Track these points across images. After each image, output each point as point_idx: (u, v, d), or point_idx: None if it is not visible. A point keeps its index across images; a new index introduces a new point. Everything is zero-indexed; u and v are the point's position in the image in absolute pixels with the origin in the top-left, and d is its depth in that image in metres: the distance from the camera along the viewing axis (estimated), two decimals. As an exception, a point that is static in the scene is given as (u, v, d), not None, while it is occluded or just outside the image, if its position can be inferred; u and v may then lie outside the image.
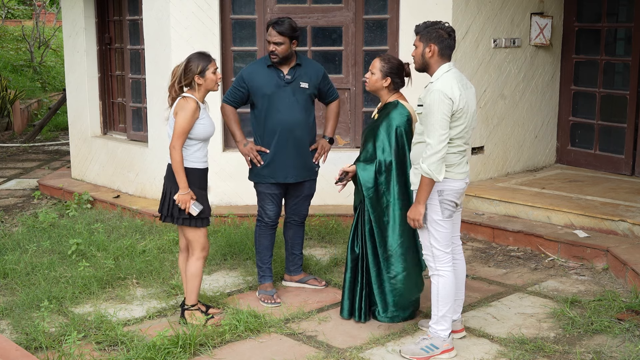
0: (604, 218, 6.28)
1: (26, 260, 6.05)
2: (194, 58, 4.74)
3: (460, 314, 4.65)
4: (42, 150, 11.65)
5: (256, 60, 5.55)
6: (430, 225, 4.35)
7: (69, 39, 8.82)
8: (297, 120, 5.31)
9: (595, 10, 8.07)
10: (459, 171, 4.33)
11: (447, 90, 4.15)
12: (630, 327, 4.70)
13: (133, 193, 8.05)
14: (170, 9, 7.21)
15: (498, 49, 7.57)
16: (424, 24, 4.34)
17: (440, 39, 4.26)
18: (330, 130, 5.59)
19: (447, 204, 4.32)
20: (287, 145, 5.31)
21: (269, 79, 5.29)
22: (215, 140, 7.21)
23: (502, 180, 7.69)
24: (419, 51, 4.32)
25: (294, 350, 4.53)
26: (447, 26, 4.30)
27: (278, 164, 5.32)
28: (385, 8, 7.37)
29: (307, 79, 5.38)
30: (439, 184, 4.27)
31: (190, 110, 4.63)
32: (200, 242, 4.82)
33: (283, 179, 5.35)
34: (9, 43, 19.64)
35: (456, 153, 4.30)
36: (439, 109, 4.14)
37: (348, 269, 4.94)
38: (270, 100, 5.27)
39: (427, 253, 4.44)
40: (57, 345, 4.55)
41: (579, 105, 8.29)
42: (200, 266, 4.85)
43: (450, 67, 4.29)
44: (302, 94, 5.36)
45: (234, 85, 5.38)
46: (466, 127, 4.28)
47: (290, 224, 5.62)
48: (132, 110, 8.36)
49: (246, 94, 5.34)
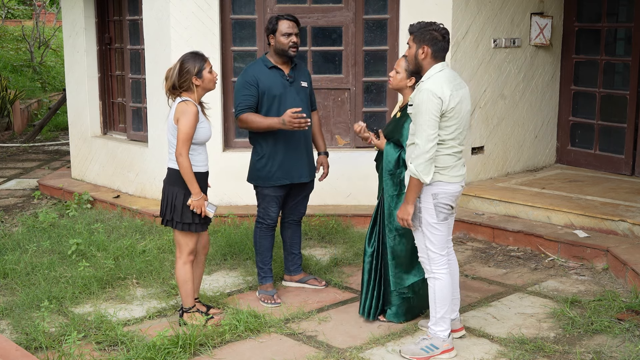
0: (604, 218, 6.28)
1: (26, 260, 6.05)
2: (188, 59, 4.68)
3: (458, 313, 4.65)
4: (42, 150, 11.65)
5: (253, 63, 5.38)
6: (426, 228, 4.33)
7: (69, 39, 8.83)
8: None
9: (595, 10, 8.07)
10: (454, 174, 4.28)
11: (436, 90, 4.10)
12: (630, 327, 4.70)
13: (133, 193, 8.05)
14: (170, 9, 7.21)
15: (498, 49, 7.57)
16: (418, 24, 4.29)
17: (433, 41, 4.21)
18: (324, 145, 5.59)
19: (442, 207, 4.29)
20: (299, 145, 5.28)
21: (274, 80, 5.23)
22: (215, 140, 7.21)
23: (502, 180, 7.69)
24: (412, 52, 4.28)
25: (294, 350, 4.53)
26: (442, 28, 4.25)
27: (292, 165, 5.26)
28: (385, 8, 7.37)
29: (304, 78, 5.39)
30: (433, 186, 4.24)
31: (192, 115, 4.59)
32: (189, 246, 4.79)
33: (298, 179, 5.31)
34: (9, 43, 19.64)
35: (451, 155, 4.25)
36: (427, 109, 4.09)
37: (365, 265, 4.96)
38: (279, 101, 5.21)
39: (422, 256, 4.42)
40: (57, 345, 4.54)
41: (579, 105, 8.29)
42: (189, 270, 4.81)
43: (443, 67, 4.24)
44: (304, 93, 5.36)
45: (244, 94, 5.19)
46: (459, 128, 4.23)
47: (288, 223, 5.59)
48: (132, 110, 8.36)
49: (257, 97, 5.19)
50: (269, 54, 5.34)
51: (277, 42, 5.21)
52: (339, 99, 7.48)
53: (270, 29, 5.25)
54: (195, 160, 4.73)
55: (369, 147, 7.45)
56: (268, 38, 5.29)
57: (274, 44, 5.25)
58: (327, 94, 7.48)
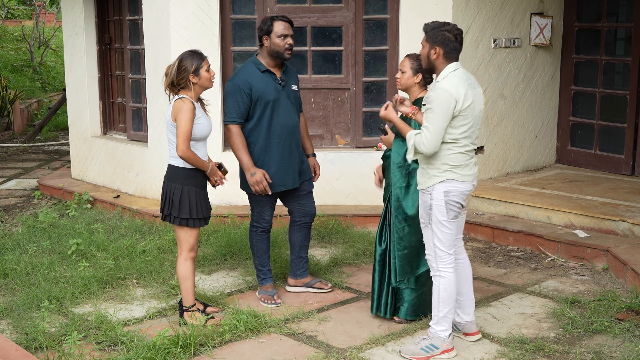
0: (604, 218, 6.28)
1: (26, 260, 6.05)
2: (186, 57, 4.70)
3: (473, 316, 4.61)
4: (42, 150, 11.65)
5: (244, 66, 5.18)
6: (435, 226, 4.34)
7: (69, 39, 8.83)
8: (295, 124, 5.23)
9: (595, 10, 8.07)
10: (466, 173, 4.30)
11: (451, 89, 4.16)
12: (630, 327, 4.70)
13: (133, 193, 8.05)
14: (170, 9, 7.21)
15: (498, 48, 7.57)
16: (432, 24, 4.32)
17: (446, 42, 4.24)
18: (311, 147, 5.52)
19: (453, 205, 4.31)
20: (292, 150, 5.21)
21: (267, 84, 5.09)
22: (215, 140, 7.21)
23: (502, 180, 7.69)
24: (425, 52, 4.33)
25: (294, 350, 4.53)
26: (455, 28, 4.28)
27: (286, 171, 5.18)
28: (385, 8, 7.37)
29: (294, 81, 5.29)
30: (445, 184, 4.27)
31: (188, 111, 4.62)
32: (189, 242, 4.81)
33: (292, 185, 5.23)
34: (9, 43, 19.63)
35: (463, 153, 4.28)
36: (441, 107, 4.15)
37: (376, 264, 4.96)
38: (273, 107, 5.09)
39: (429, 253, 4.43)
40: (57, 345, 4.55)
41: (579, 105, 8.29)
42: (190, 267, 4.83)
43: (457, 67, 4.28)
44: (294, 96, 5.27)
45: (235, 100, 5.03)
46: (472, 127, 4.27)
47: (299, 226, 5.41)
48: (132, 110, 8.36)
49: (249, 104, 5.05)
50: (260, 55, 5.18)
51: (272, 43, 5.07)
52: (339, 99, 7.48)
53: (264, 29, 5.09)
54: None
55: (369, 147, 7.46)
56: (261, 39, 5.13)
57: (268, 45, 5.10)
58: (327, 94, 7.48)
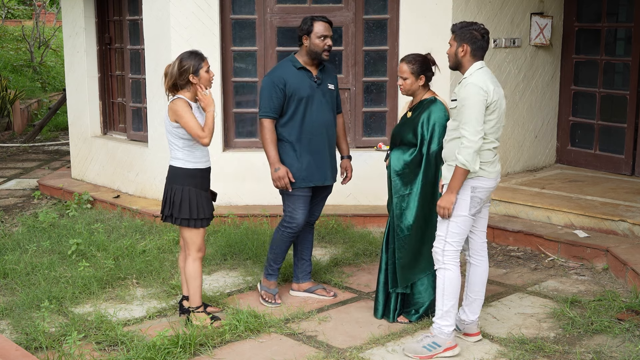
0: (604, 218, 6.28)
1: (26, 260, 6.05)
2: (186, 57, 4.71)
3: (477, 316, 4.63)
4: (42, 150, 11.65)
5: (281, 63, 5.26)
6: (454, 219, 4.39)
7: (69, 39, 8.83)
8: (329, 122, 5.23)
9: (595, 10, 8.07)
10: (492, 170, 4.40)
11: (480, 83, 4.27)
12: (630, 327, 4.70)
13: (133, 193, 8.05)
14: (170, 9, 7.21)
15: (498, 49, 7.57)
16: (460, 23, 4.47)
17: (473, 39, 4.39)
18: (347, 149, 5.50)
19: (477, 201, 4.40)
20: (325, 148, 5.21)
21: (302, 81, 5.12)
22: (215, 140, 7.21)
23: (502, 180, 7.68)
24: (453, 50, 4.45)
25: (294, 350, 4.53)
26: (482, 28, 4.44)
27: (316, 167, 5.16)
28: (385, 8, 7.37)
29: (331, 80, 5.30)
30: (474, 180, 4.34)
31: (184, 108, 4.62)
32: (196, 243, 4.81)
33: (322, 182, 5.22)
34: (9, 43, 19.64)
35: (490, 150, 4.37)
36: (475, 102, 4.23)
37: (382, 270, 4.97)
38: (307, 103, 5.11)
39: (437, 246, 4.45)
40: (57, 345, 4.55)
41: (579, 105, 8.29)
42: (198, 267, 4.84)
43: (482, 65, 4.41)
44: (330, 95, 5.27)
45: (269, 95, 5.07)
46: (498, 122, 4.36)
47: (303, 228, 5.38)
48: (132, 110, 8.36)
49: (283, 99, 5.07)
50: (299, 54, 5.21)
51: (312, 43, 5.09)
52: (339, 99, 7.48)
53: (305, 29, 5.11)
54: (194, 156, 4.74)
55: (369, 147, 7.46)
56: (301, 38, 5.14)
57: (307, 45, 5.11)
58: (327, 94, 7.47)
